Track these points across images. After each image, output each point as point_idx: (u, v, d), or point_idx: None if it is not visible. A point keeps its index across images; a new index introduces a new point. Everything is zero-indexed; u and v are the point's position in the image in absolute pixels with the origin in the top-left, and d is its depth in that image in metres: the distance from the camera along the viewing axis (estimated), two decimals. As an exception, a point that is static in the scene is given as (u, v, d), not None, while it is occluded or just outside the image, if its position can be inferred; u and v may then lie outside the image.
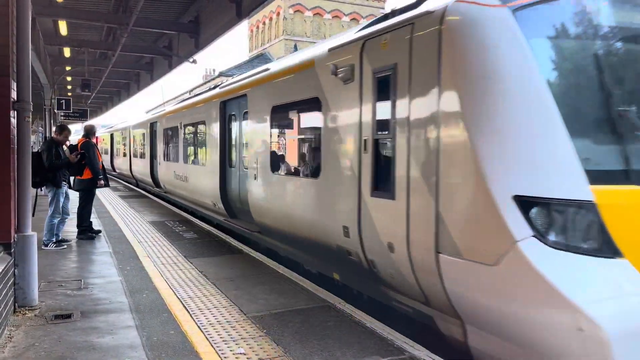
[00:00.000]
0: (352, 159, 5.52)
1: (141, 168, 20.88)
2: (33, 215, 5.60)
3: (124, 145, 25.55)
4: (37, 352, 4.14)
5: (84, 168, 8.91)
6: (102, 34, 18.24)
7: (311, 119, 6.92)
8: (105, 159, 32.99)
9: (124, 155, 25.96)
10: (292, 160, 7.87)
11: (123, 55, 19.55)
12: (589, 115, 4.05)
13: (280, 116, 7.92)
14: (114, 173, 29.69)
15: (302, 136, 7.52)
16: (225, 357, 4.04)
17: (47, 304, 5.38)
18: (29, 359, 3.99)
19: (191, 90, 44.96)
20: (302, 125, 7.53)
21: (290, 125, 8.08)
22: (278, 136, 8.24)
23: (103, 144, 33.50)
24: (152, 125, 18.43)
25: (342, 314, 5.11)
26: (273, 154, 8.03)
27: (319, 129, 6.44)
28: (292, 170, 7.69)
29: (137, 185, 23.07)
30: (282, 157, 8.03)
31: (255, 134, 8.64)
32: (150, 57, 22.50)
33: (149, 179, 19.03)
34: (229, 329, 4.68)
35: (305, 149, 7.36)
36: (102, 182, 9.43)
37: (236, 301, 5.52)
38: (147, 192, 19.66)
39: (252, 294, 5.79)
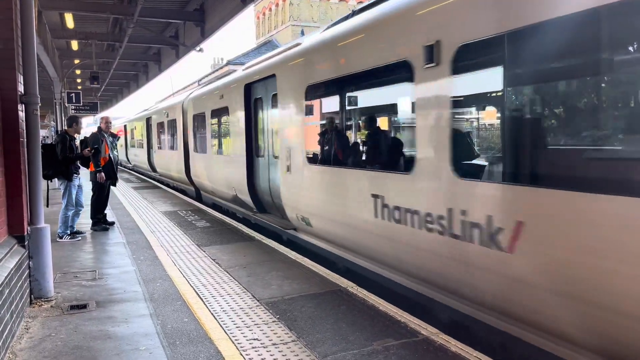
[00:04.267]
0: None
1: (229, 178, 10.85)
2: (47, 206, 5.69)
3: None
4: (53, 342, 4.19)
5: (89, 160, 8.99)
6: (108, 25, 18.25)
7: None
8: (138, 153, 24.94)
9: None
10: None
11: (130, 46, 19.61)
12: None
13: None
14: (152, 173, 22.29)
15: None
16: (239, 343, 4.06)
17: (62, 295, 5.45)
18: (45, 350, 4.04)
19: (200, 80, 44.88)
20: None
21: None
22: None
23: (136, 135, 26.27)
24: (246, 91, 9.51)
25: (355, 298, 5.10)
26: None
27: None
28: None
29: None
30: None
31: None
32: (158, 47, 22.53)
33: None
34: (242, 315, 4.70)
35: None
36: (104, 175, 9.10)
37: (249, 288, 5.53)
38: (158, 182, 19.68)
39: (264, 280, 5.80)
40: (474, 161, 4.50)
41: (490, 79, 4.20)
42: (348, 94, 6.21)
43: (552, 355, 3.65)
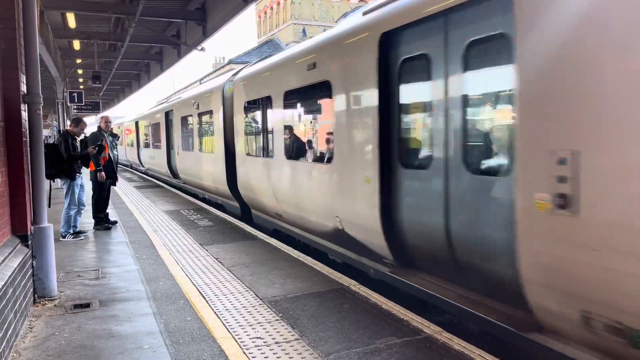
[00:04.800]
0: None
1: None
2: (49, 206, 5.72)
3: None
4: (57, 341, 4.20)
5: (89, 159, 9.01)
6: (110, 25, 18.26)
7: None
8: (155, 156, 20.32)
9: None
10: None
11: (132, 46, 19.62)
12: None
13: None
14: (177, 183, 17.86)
15: None
16: (242, 342, 4.06)
17: (66, 294, 5.46)
18: (49, 348, 4.06)
19: (201, 79, 44.87)
20: None
21: None
22: None
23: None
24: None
25: (357, 297, 5.11)
26: None
27: None
28: None
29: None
30: None
31: None
32: (159, 46, 22.53)
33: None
34: (245, 314, 4.70)
35: None
36: (104, 174, 9.17)
37: (252, 286, 5.54)
38: (161, 182, 19.69)
39: (267, 279, 5.81)
40: None
41: None
42: None
43: (555, 353, 3.65)
